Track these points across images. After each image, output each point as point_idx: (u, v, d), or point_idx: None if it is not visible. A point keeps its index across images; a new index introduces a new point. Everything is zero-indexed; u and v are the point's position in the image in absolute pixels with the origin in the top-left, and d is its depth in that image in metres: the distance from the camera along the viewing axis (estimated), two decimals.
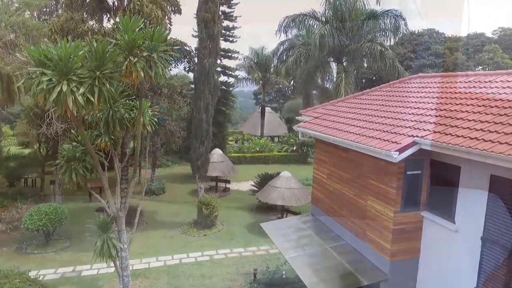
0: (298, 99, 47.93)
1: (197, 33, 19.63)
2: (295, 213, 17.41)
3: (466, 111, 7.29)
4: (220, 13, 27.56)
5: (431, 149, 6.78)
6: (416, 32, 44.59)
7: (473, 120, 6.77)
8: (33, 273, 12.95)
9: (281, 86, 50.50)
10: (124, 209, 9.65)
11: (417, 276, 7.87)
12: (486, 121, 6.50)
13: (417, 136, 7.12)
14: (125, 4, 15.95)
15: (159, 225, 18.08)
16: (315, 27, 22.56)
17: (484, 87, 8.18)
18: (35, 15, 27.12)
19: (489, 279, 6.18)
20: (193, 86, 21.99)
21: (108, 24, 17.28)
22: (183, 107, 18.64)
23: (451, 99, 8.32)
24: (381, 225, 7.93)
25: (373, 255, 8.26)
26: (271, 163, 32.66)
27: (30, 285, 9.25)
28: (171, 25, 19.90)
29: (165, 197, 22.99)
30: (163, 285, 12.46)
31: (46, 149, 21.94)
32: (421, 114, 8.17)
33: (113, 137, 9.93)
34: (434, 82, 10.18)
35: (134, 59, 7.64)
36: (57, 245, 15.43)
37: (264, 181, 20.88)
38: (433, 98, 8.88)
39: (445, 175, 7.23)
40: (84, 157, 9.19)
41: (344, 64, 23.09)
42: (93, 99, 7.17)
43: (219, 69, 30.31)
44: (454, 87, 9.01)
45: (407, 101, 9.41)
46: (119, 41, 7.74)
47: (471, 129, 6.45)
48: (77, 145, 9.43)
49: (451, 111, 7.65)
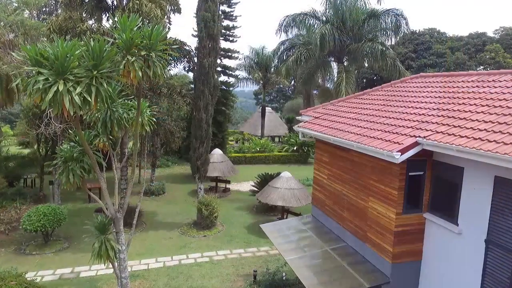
0: (298, 99, 47.88)
1: (196, 33, 19.50)
2: (295, 214, 17.29)
3: (469, 111, 7.15)
4: (220, 12, 27.50)
5: (434, 149, 6.65)
6: (417, 31, 44.45)
7: (476, 120, 6.64)
8: (31, 274, 12.90)
9: (281, 86, 50.40)
10: (122, 210, 9.54)
11: (419, 279, 7.74)
12: (490, 121, 6.37)
13: (419, 136, 6.98)
14: (124, 3, 15.86)
15: (159, 225, 17.98)
16: (315, 26, 22.40)
17: (487, 86, 8.05)
18: (34, 14, 27.07)
19: (494, 282, 6.05)
20: (192, 86, 21.87)
21: (107, 23, 17.22)
22: (182, 107, 18.50)
23: (454, 98, 8.18)
24: (383, 226, 7.81)
25: (375, 257, 8.14)
26: (271, 163, 32.57)
27: None
28: (170, 24, 19.83)
29: (164, 198, 22.88)
30: (162, 286, 12.36)
31: (45, 149, 21.85)
32: (423, 114, 8.04)
33: (111, 137, 9.86)
34: (436, 81, 10.04)
35: (132, 58, 7.53)
36: (56, 246, 15.33)
37: (264, 181, 20.75)
38: (435, 97, 8.75)
39: (448, 176, 7.11)
40: (81, 158, 9.09)
41: (344, 63, 22.95)
42: (90, 99, 7.08)
43: (219, 68, 30.23)
44: (456, 87, 8.87)
45: (409, 101, 9.27)
46: (117, 40, 7.63)
47: (474, 130, 6.31)
48: (74, 145, 9.34)
49: (454, 111, 7.51)
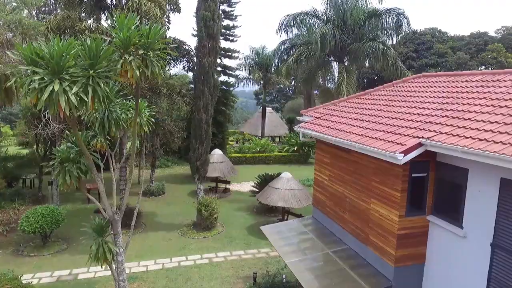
0: (299, 99, 47.71)
1: (196, 32, 19.34)
2: (296, 215, 17.14)
3: (474, 112, 6.99)
4: (220, 11, 27.35)
5: (438, 151, 6.49)
6: (418, 31, 44.24)
7: (481, 120, 6.47)
8: (28, 276, 12.78)
9: (282, 86, 50.19)
10: (120, 212, 9.39)
11: (422, 283, 7.58)
12: (495, 122, 6.20)
13: (422, 137, 6.82)
14: (123, 2, 15.72)
15: (158, 226, 17.83)
16: (316, 26, 22.24)
17: (492, 86, 7.89)
18: (33, 14, 26.94)
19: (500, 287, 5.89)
20: (192, 85, 21.72)
21: (106, 23, 17.06)
22: (182, 107, 18.35)
23: (458, 98, 8.02)
24: (385, 229, 7.65)
25: (377, 261, 7.98)
26: (271, 164, 32.42)
27: None
28: (169, 23, 19.70)
29: (164, 198, 22.73)
30: None
31: (44, 150, 21.72)
32: (426, 114, 7.87)
33: (109, 137, 9.71)
34: (439, 81, 9.87)
35: (129, 57, 7.39)
36: (54, 247, 15.19)
37: (264, 182, 20.58)
38: (439, 98, 8.58)
39: (452, 178, 6.94)
40: (78, 159, 8.95)
41: (345, 63, 22.78)
42: (86, 99, 6.94)
43: (219, 68, 30.06)
44: (460, 87, 8.71)
45: (412, 101, 9.10)
46: (114, 39, 7.49)
47: (480, 130, 6.15)
48: (71, 146, 9.20)
49: (458, 111, 7.35)
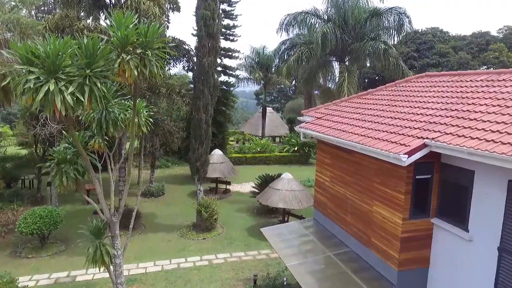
0: (299, 99, 47.54)
1: (196, 32, 19.16)
2: (296, 216, 16.97)
3: (479, 112, 6.81)
4: (220, 11, 27.18)
5: (443, 152, 6.31)
6: (419, 30, 44.04)
7: (488, 121, 6.29)
8: (26, 278, 12.64)
9: (282, 86, 50.01)
10: (118, 214, 9.22)
11: (426, 287, 7.40)
12: (503, 122, 6.02)
13: (427, 138, 6.65)
14: (122, 1, 15.56)
15: (158, 228, 17.67)
16: (317, 25, 22.06)
17: (497, 86, 7.71)
18: (33, 13, 26.81)
19: None
20: (192, 85, 21.57)
21: (105, 22, 16.90)
22: (181, 107, 18.17)
23: (462, 98, 7.84)
24: (388, 232, 7.48)
25: (380, 264, 7.81)
26: (272, 164, 32.26)
27: None
28: (169, 23, 19.52)
29: (164, 199, 22.57)
30: None
31: (43, 150, 21.56)
32: (430, 114, 7.70)
33: (107, 138, 9.56)
34: (442, 81, 9.70)
35: (127, 56, 7.24)
36: (52, 248, 15.03)
37: (265, 182, 20.41)
38: (443, 97, 8.40)
39: (457, 180, 6.77)
40: (75, 160, 8.79)
41: (346, 63, 22.59)
42: (83, 99, 6.79)
43: (219, 68, 29.89)
44: (464, 86, 8.53)
45: (415, 101, 8.93)
46: (111, 38, 7.34)
47: (486, 131, 5.97)
48: (68, 146, 9.04)
49: (463, 111, 7.17)
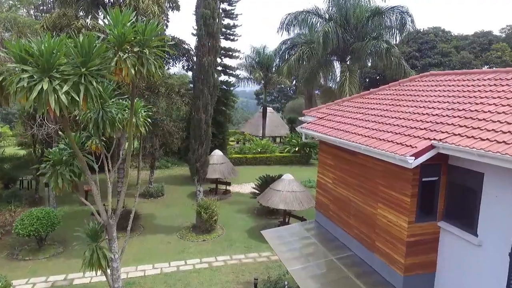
0: (300, 99, 47.33)
1: (196, 31, 18.94)
2: (298, 218, 16.74)
3: (488, 111, 6.58)
4: (220, 10, 26.95)
5: (452, 154, 6.07)
6: (421, 30, 43.81)
7: (498, 121, 6.06)
8: (22, 282, 12.42)
9: (283, 86, 49.77)
10: (115, 216, 9.00)
11: None
12: None
13: (434, 139, 6.41)
14: (120, 0, 15.35)
15: (157, 229, 17.44)
16: (318, 24, 21.86)
17: (506, 84, 7.47)
18: (31, 13, 26.61)
19: None
20: (192, 85, 21.34)
21: (104, 21, 16.69)
22: (181, 107, 17.94)
23: (470, 98, 7.61)
24: (393, 236, 7.24)
25: (384, 269, 7.58)
26: (273, 164, 32.00)
27: None
28: (168, 22, 19.30)
29: (163, 200, 22.32)
30: None
31: (41, 151, 21.33)
32: (436, 114, 7.46)
33: (105, 138, 9.34)
34: (448, 80, 9.46)
35: (124, 55, 7.03)
36: (50, 250, 14.80)
37: (265, 183, 20.16)
38: (449, 97, 8.17)
39: (465, 182, 6.53)
40: (71, 161, 8.58)
41: (348, 62, 22.37)
42: (78, 98, 6.57)
43: (219, 68, 29.64)
44: (471, 85, 8.30)
45: (420, 100, 8.70)
46: (108, 36, 7.12)
47: (497, 132, 5.74)
48: (65, 147, 8.83)
49: (471, 111, 6.94)
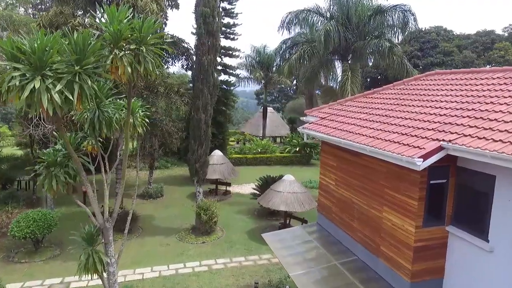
0: (300, 99, 47.04)
1: (196, 30, 18.66)
2: (299, 219, 16.48)
3: (500, 111, 6.31)
4: (220, 9, 26.67)
5: (462, 155, 5.79)
6: (423, 29, 43.52)
7: (510, 121, 5.80)
8: (18, 285, 12.16)
9: (283, 85, 49.49)
10: (112, 219, 8.73)
11: None
12: None
13: (443, 140, 6.14)
14: None
15: (156, 231, 17.17)
16: (319, 23, 21.55)
17: None
18: (29, 11, 26.36)
19: None
20: (191, 85, 21.07)
21: (101, 19, 16.42)
22: (180, 107, 17.66)
23: (479, 97, 7.33)
24: (399, 240, 6.97)
25: (390, 275, 7.31)
26: (273, 165, 31.73)
27: None
28: (167, 20, 19.01)
29: (162, 201, 22.06)
30: None
31: (38, 151, 21.07)
32: (444, 114, 7.19)
33: (101, 139, 9.08)
34: (454, 79, 9.19)
35: (120, 52, 6.76)
36: (46, 253, 14.54)
37: (266, 184, 19.89)
38: (457, 96, 7.90)
39: (475, 185, 6.27)
40: (66, 162, 8.31)
41: (349, 62, 22.08)
42: (72, 98, 6.30)
43: (219, 67, 29.36)
44: (480, 84, 8.03)
45: (426, 100, 8.43)
46: (104, 33, 6.86)
47: (510, 132, 5.47)
48: (60, 148, 8.56)
49: (481, 111, 6.67)
